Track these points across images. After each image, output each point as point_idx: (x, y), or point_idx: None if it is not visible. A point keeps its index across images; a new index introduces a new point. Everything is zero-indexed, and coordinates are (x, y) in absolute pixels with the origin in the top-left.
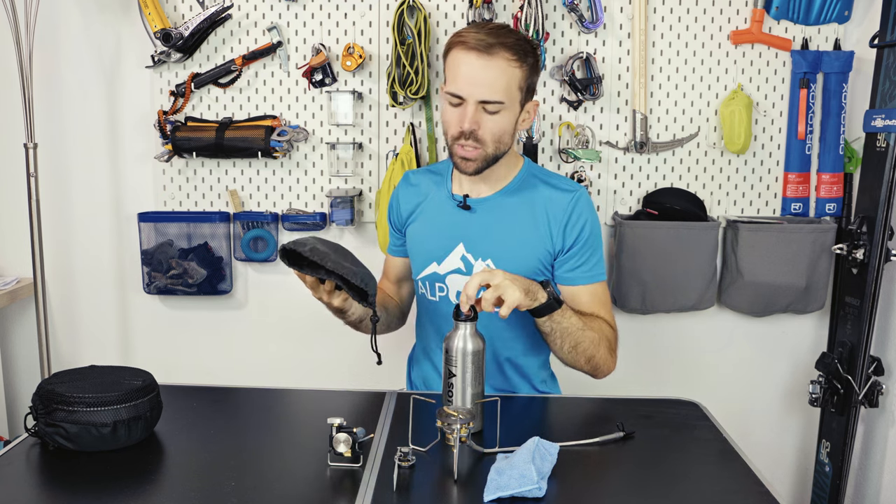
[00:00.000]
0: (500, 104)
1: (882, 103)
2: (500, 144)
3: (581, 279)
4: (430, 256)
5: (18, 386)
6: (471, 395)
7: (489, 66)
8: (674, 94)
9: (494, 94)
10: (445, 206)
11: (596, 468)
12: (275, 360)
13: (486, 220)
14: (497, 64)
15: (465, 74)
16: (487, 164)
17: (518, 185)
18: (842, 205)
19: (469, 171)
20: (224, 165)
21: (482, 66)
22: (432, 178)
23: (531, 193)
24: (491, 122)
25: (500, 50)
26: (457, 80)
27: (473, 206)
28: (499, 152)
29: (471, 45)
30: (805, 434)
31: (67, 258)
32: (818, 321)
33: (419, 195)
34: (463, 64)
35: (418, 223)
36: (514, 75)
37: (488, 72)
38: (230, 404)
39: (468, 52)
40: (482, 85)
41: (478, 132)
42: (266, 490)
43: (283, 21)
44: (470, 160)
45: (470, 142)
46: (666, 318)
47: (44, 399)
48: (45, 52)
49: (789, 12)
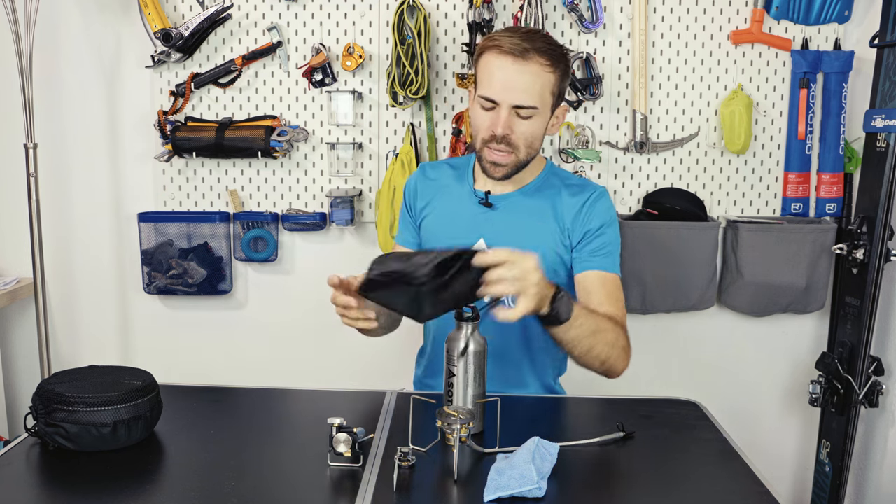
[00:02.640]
0: (534, 109)
1: (882, 103)
2: (531, 150)
3: (593, 264)
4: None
5: (18, 386)
6: (471, 395)
7: (524, 70)
8: (674, 94)
9: (529, 99)
10: (466, 201)
11: (596, 468)
12: (275, 360)
13: (506, 217)
14: (531, 69)
15: (500, 79)
16: (517, 169)
17: (539, 185)
18: (842, 205)
19: (498, 175)
20: (224, 165)
21: (517, 71)
22: (451, 172)
23: (551, 193)
24: (524, 126)
25: (534, 55)
26: (492, 84)
27: (495, 202)
28: (529, 157)
29: (506, 49)
30: (805, 434)
31: (67, 258)
32: (818, 321)
33: (436, 188)
34: (497, 68)
35: (435, 217)
36: (548, 80)
37: (523, 76)
38: (230, 404)
39: (503, 57)
40: (517, 90)
41: (511, 137)
42: (266, 490)
43: (283, 21)
44: (501, 165)
45: (502, 146)
46: (666, 318)
47: (44, 399)
48: (45, 52)
49: (789, 12)
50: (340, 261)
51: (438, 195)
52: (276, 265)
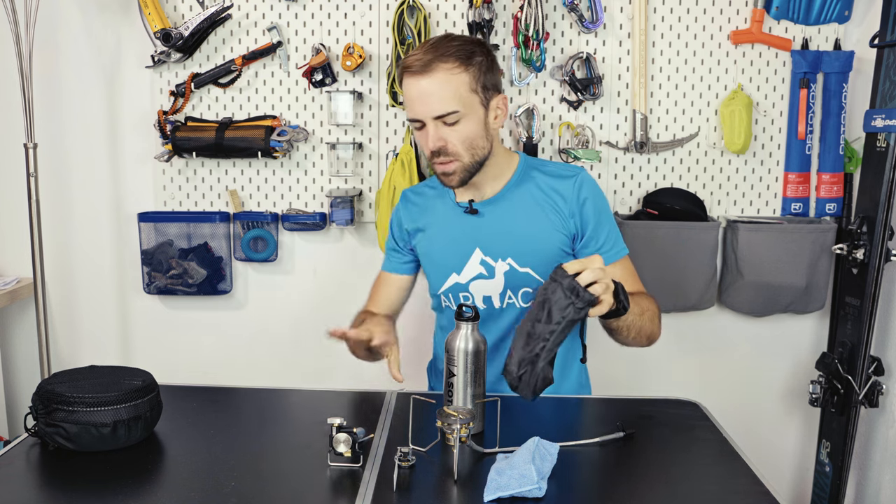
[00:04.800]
0: (456, 112)
1: (882, 103)
2: (475, 150)
3: (607, 259)
4: (448, 269)
5: (18, 386)
6: (471, 395)
7: (431, 81)
8: (674, 94)
9: (446, 106)
10: (452, 215)
11: (596, 468)
12: (275, 360)
13: (496, 221)
14: (438, 77)
15: (413, 97)
16: (469, 172)
17: (519, 180)
18: (842, 205)
19: (453, 184)
20: (224, 165)
21: (425, 85)
22: (432, 192)
23: (533, 184)
24: (455, 133)
25: (437, 62)
26: (411, 106)
27: (480, 209)
28: (477, 158)
29: (412, 69)
30: (805, 434)
31: (67, 258)
32: (818, 321)
33: (422, 211)
34: (409, 88)
35: (427, 239)
36: (461, 81)
37: (432, 87)
38: (230, 404)
39: (411, 76)
40: (430, 102)
41: (447, 147)
42: (266, 490)
43: (283, 21)
44: (449, 174)
45: (442, 157)
46: (666, 318)
47: (44, 399)
48: (45, 52)
49: (789, 12)
50: (340, 261)
51: (426, 216)
52: (276, 265)
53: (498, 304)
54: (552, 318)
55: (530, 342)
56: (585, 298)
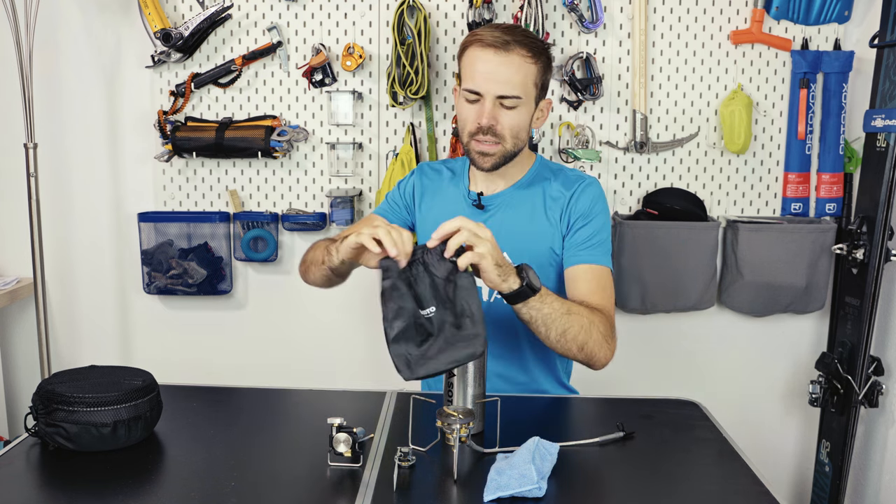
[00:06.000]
0: (518, 99)
1: (882, 103)
2: (518, 140)
3: (581, 258)
4: None
5: (18, 386)
6: (471, 395)
7: (506, 61)
8: (674, 94)
9: (512, 89)
10: (460, 204)
11: (596, 468)
12: (275, 359)
13: (499, 216)
14: (513, 60)
15: (482, 71)
16: (505, 159)
17: (531, 179)
18: (842, 205)
19: (486, 166)
20: (224, 165)
21: (499, 62)
22: (448, 174)
23: (542, 186)
24: (508, 117)
25: (515, 46)
26: (474, 77)
27: (487, 202)
28: (516, 148)
29: (487, 41)
30: (805, 434)
31: (67, 258)
32: (818, 321)
33: (434, 190)
34: (479, 61)
35: (429, 219)
36: (530, 71)
37: (505, 67)
38: (230, 404)
39: (485, 49)
40: (499, 80)
41: (496, 127)
42: (266, 490)
43: (283, 21)
44: (488, 155)
45: (488, 136)
46: (666, 318)
47: (44, 399)
48: (45, 52)
49: (789, 12)
50: None
51: (436, 197)
52: (276, 265)
53: (486, 298)
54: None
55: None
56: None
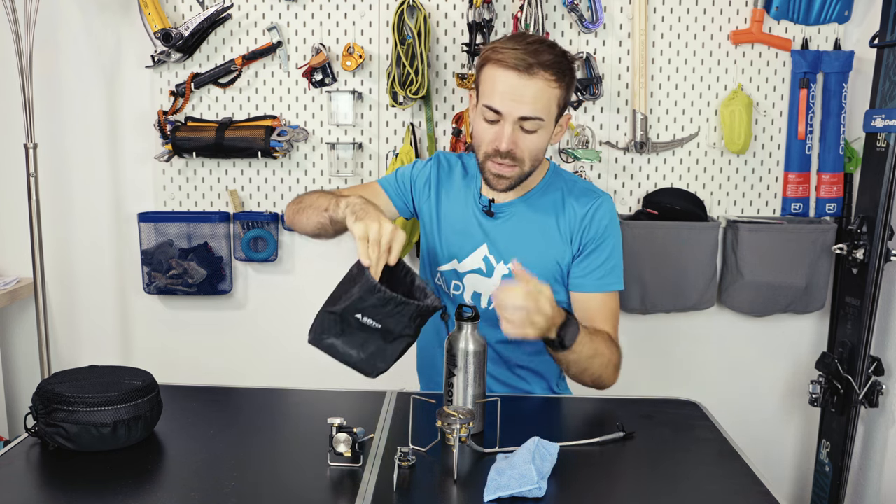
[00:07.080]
0: (540, 121)
1: (882, 103)
2: (535, 161)
3: (592, 286)
4: (452, 254)
5: (18, 386)
6: (471, 395)
7: (529, 85)
8: (674, 94)
9: (534, 112)
10: (471, 206)
11: (596, 468)
12: (274, 359)
13: (509, 224)
14: (537, 84)
15: (503, 91)
16: (521, 180)
17: (543, 190)
18: (842, 205)
19: (501, 188)
20: (224, 165)
21: (522, 85)
22: (461, 172)
23: (554, 198)
24: (528, 140)
25: (539, 70)
26: (495, 95)
27: (497, 210)
28: (533, 168)
29: (510, 64)
30: (805, 434)
31: (67, 258)
32: (818, 321)
33: (448, 186)
34: (500, 81)
35: (438, 213)
36: (554, 95)
37: (528, 90)
38: (230, 404)
39: (507, 71)
40: (522, 102)
41: (515, 151)
42: (266, 490)
43: (283, 21)
44: (505, 178)
45: (507, 161)
46: (666, 318)
47: (44, 399)
48: (45, 52)
49: (789, 12)
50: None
51: (445, 192)
52: (276, 265)
53: (484, 305)
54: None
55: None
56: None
